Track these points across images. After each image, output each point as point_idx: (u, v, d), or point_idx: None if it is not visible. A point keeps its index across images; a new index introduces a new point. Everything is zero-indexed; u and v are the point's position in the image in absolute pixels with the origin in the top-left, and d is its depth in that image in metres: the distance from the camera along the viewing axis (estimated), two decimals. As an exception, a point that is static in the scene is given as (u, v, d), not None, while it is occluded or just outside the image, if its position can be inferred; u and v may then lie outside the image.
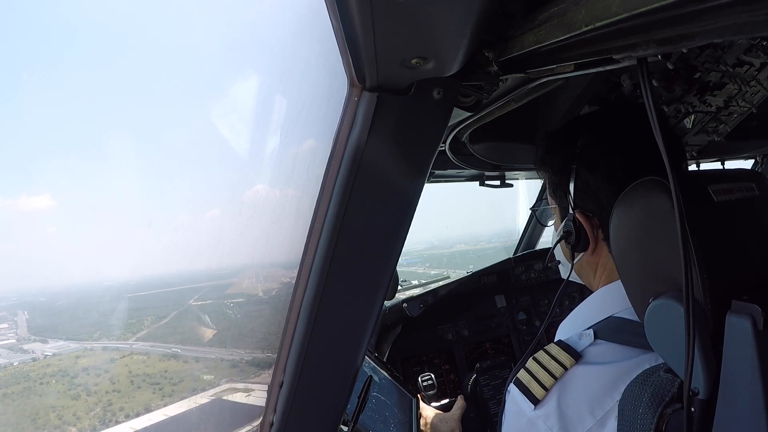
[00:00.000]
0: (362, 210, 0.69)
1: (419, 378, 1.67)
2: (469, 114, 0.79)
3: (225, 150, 1.02)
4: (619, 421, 0.65)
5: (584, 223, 0.83)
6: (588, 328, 0.79)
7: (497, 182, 1.76)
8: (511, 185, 1.78)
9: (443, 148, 1.28)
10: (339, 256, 0.71)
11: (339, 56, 0.58)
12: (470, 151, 1.27)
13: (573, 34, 0.47)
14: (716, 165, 1.81)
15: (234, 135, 1.05)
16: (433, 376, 1.69)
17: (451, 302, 2.14)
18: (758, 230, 0.65)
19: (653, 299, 0.61)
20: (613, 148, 0.82)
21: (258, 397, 0.99)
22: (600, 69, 0.56)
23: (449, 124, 0.70)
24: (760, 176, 0.70)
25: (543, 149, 0.94)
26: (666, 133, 0.54)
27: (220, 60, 0.90)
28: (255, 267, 1.12)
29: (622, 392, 0.66)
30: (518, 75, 0.66)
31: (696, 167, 1.74)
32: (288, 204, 0.87)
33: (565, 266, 0.94)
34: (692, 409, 0.56)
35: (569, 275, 0.91)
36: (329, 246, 0.70)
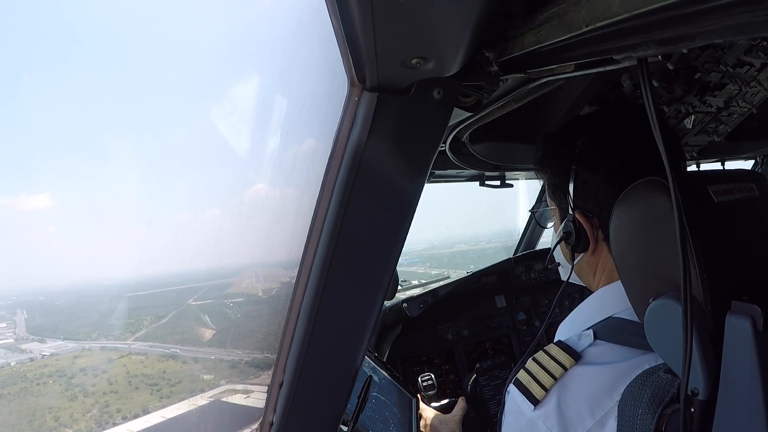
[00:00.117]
0: (362, 210, 0.69)
1: (419, 378, 1.67)
2: (470, 114, 0.78)
3: (225, 150, 1.02)
4: (619, 422, 0.65)
5: (584, 224, 0.83)
6: (588, 329, 0.79)
7: (497, 182, 1.76)
8: (511, 185, 1.78)
9: (443, 148, 1.28)
10: (339, 256, 0.70)
11: (339, 56, 0.58)
12: (470, 151, 1.27)
13: (573, 35, 0.47)
14: (716, 165, 1.81)
15: (234, 135, 1.05)
16: (433, 376, 1.68)
17: (451, 302, 2.14)
18: (758, 231, 0.65)
19: (653, 299, 0.61)
20: (613, 149, 0.82)
21: (258, 397, 0.99)
22: (600, 69, 0.56)
23: (449, 124, 0.70)
24: (760, 177, 0.70)
25: (542, 151, 0.94)
26: (665, 134, 0.54)
27: (221, 60, 0.90)
28: (255, 267, 1.12)
29: (622, 393, 0.66)
30: (518, 75, 0.66)
31: (696, 168, 1.75)
32: (288, 204, 0.87)
33: (565, 268, 0.94)
34: (692, 410, 0.56)
35: (569, 276, 0.91)
36: (329, 246, 0.70)
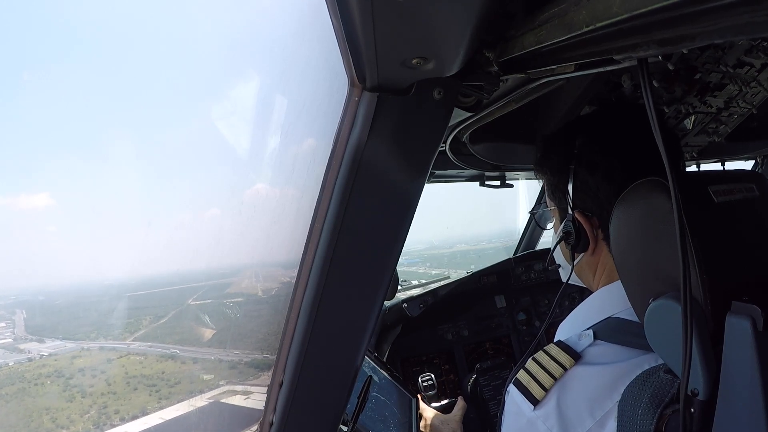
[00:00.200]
0: (362, 210, 0.69)
1: (419, 378, 1.67)
2: (470, 114, 0.78)
3: (225, 149, 1.02)
4: (619, 422, 0.65)
5: (584, 223, 0.83)
6: (588, 329, 0.79)
7: (497, 182, 1.76)
8: (512, 185, 1.78)
9: (443, 148, 1.28)
10: (339, 256, 0.70)
11: (339, 56, 0.58)
12: (470, 151, 1.27)
13: (573, 35, 0.47)
14: (716, 166, 1.81)
15: (234, 134, 1.05)
16: (433, 376, 1.68)
17: (451, 302, 2.14)
18: (758, 231, 0.65)
19: (653, 300, 0.61)
20: (612, 149, 0.82)
21: (258, 397, 0.99)
22: (600, 69, 0.56)
23: (449, 124, 0.70)
24: (760, 177, 0.70)
25: (541, 151, 0.94)
26: (665, 134, 0.54)
27: (221, 60, 0.90)
28: (255, 266, 1.12)
29: (622, 393, 0.66)
30: (519, 75, 0.66)
31: (696, 168, 1.75)
32: (288, 204, 0.87)
33: (566, 269, 0.94)
34: (692, 410, 0.56)
35: (569, 278, 0.91)
36: (329, 246, 0.70)
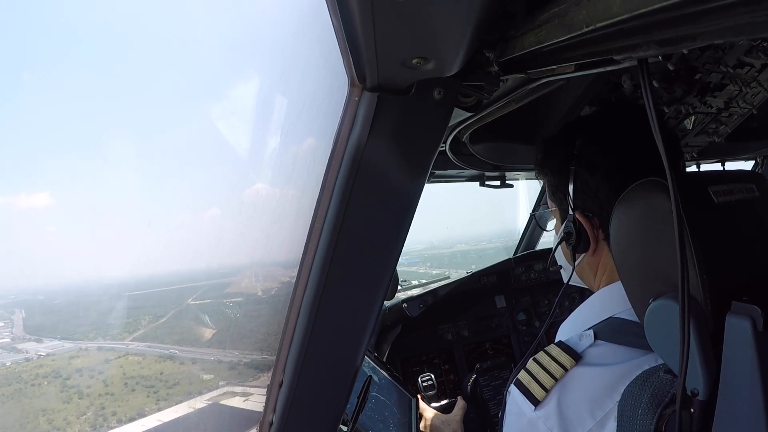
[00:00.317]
0: (362, 210, 0.69)
1: (419, 378, 1.67)
2: (470, 114, 0.78)
3: (225, 149, 1.02)
4: (619, 422, 0.65)
5: (584, 223, 0.83)
6: (588, 329, 0.79)
7: (497, 182, 1.76)
8: (512, 185, 1.78)
9: (443, 149, 1.28)
10: (339, 256, 0.70)
11: (339, 56, 0.58)
12: (470, 152, 1.27)
13: (574, 35, 0.47)
14: (716, 166, 1.81)
15: (234, 134, 1.05)
16: (433, 377, 1.68)
17: (451, 302, 2.14)
18: (758, 231, 0.65)
19: (653, 300, 0.61)
20: (612, 149, 0.82)
21: (257, 397, 0.99)
22: (601, 69, 0.56)
23: (450, 125, 0.70)
24: (761, 177, 0.70)
25: (542, 153, 0.94)
26: (665, 134, 0.54)
27: (221, 60, 0.90)
28: (255, 266, 1.12)
29: (622, 393, 0.66)
30: (519, 75, 0.66)
31: (696, 168, 1.75)
32: (288, 204, 0.87)
33: (567, 270, 0.94)
34: (692, 410, 0.56)
35: (570, 278, 0.91)
36: (329, 246, 0.70)
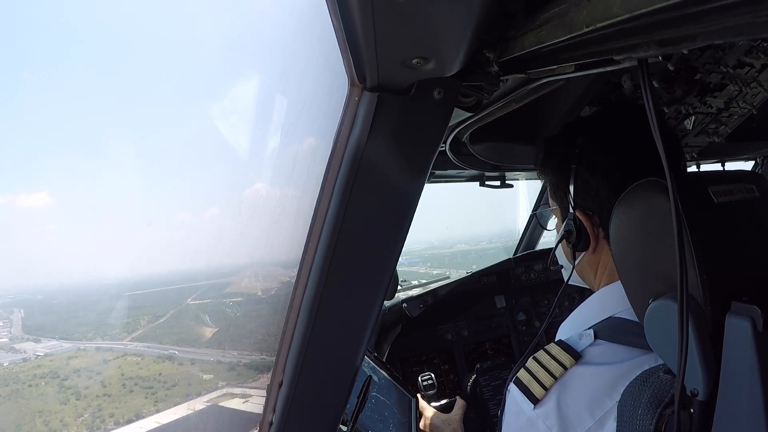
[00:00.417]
0: (362, 210, 0.69)
1: (419, 378, 1.67)
2: (470, 114, 0.78)
3: (225, 149, 1.02)
4: (618, 422, 0.65)
5: (585, 222, 0.83)
6: (588, 329, 0.79)
7: (497, 182, 1.76)
8: (512, 186, 1.78)
9: (443, 148, 1.28)
10: (339, 256, 0.70)
11: (339, 56, 0.58)
12: (470, 152, 1.27)
13: (574, 35, 0.47)
14: (716, 166, 1.81)
15: (234, 134, 1.05)
16: (433, 376, 1.68)
17: (451, 302, 2.14)
18: (758, 231, 0.65)
19: (653, 300, 0.61)
20: (612, 149, 0.82)
21: (257, 399, 0.99)
22: (601, 70, 0.56)
23: (449, 125, 0.70)
24: (761, 178, 0.70)
25: (543, 152, 0.95)
26: (665, 134, 0.54)
27: (221, 59, 0.90)
28: (255, 266, 1.12)
29: (622, 393, 0.66)
30: (519, 75, 0.66)
31: (696, 168, 1.75)
32: (288, 203, 0.87)
33: (568, 269, 0.94)
34: (692, 410, 0.56)
35: (570, 277, 0.91)
36: (329, 246, 0.70)
